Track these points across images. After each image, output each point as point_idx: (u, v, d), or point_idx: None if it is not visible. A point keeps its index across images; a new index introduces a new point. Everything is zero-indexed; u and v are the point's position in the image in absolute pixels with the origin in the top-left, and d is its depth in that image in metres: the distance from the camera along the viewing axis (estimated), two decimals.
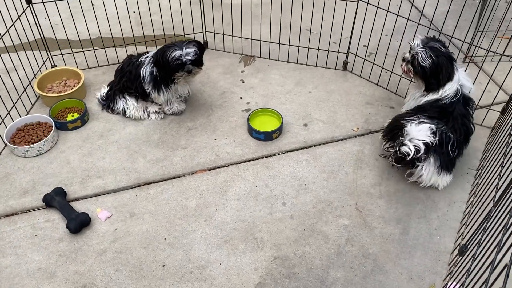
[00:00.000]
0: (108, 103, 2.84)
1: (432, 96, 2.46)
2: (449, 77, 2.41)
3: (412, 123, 2.31)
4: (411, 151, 2.20)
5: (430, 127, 2.28)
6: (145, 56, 2.66)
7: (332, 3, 3.04)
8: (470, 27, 2.90)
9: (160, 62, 2.53)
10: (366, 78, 3.12)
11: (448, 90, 2.41)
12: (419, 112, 2.43)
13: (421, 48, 2.44)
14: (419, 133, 2.25)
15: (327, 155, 2.62)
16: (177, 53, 2.48)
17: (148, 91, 2.68)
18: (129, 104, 2.76)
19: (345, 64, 3.20)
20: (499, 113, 2.77)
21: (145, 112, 2.80)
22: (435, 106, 2.43)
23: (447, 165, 2.35)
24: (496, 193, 1.82)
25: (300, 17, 3.14)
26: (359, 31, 3.06)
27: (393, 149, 2.36)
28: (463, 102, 2.43)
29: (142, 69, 2.63)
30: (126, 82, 2.72)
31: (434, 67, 2.41)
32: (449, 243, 2.20)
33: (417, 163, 2.30)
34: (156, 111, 2.81)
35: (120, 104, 2.77)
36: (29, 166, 2.54)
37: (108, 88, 2.86)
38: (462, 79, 2.46)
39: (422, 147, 2.21)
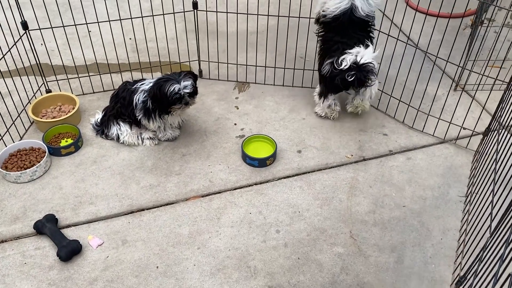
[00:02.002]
0: (102, 128, 2.84)
1: (326, 6, 2.71)
2: None
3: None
4: (373, 66, 2.57)
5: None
6: (140, 83, 2.68)
7: None
8: (462, 57, 2.95)
9: (157, 96, 2.53)
10: None
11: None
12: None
13: None
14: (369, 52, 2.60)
15: (321, 182, 2.61)
16: (176, 87, 2.49)
17: (139, 118, 2.68)
18: (123, 130, 2.76)
19: None
20: (481, 135, 2.79)
21: (139, 138, 2.80)
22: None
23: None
24: (491, 222, 1.82)
25: (295, 45, 3.18)
26: None
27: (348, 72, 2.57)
28: (356, 21, 2.69)
29: (135, 96, 2.64)
30: (120, 108, 2.73)
31: None
32: (444, 272, 2.18)
33: (372, 80, 2.62)
34: (150, 137, 2.81)
35: (114, 130, 2.77)
36: (20, 192, 2.51)
37: (103, 113, 2.86)
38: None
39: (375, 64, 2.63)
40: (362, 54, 2.61)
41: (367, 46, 2.67)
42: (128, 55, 3.32)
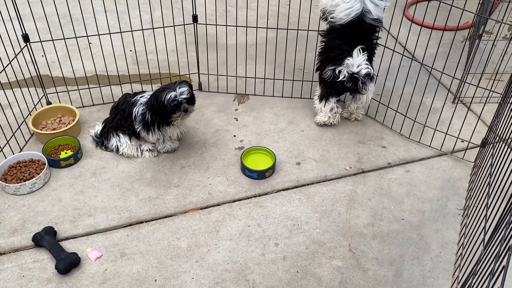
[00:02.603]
0: (102, 140, 2.85)
1: (337, 13, 2.67)
2: None
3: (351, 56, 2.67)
4: (370, 72, 2.65)
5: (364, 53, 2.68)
6: (139, 96, 2.69)
7: None
8: (457, 69, 2.97)
9: (155, 107, 2.54)
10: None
11: (348, 3, 2.62)
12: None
13: None
14: (362, 60, 2.64)
15: (320, 194, 2.62)
16: (172, 94, 2.50)
17: (138, 130, 2.70)
18: (122, 142, 2.77)
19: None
20: (479, 146, 2.80)
21: (139, 150, 2.81)
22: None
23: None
24: (484, 235, 1.82)
25: (294, 57, 3.21)
26: None
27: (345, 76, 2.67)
28: (366, 27, 2.68)
29: (134, 108, 2.65)
30: (120, 120, 2.74)
31: None
32: (443, 286, 2.18)
33: (368, 86, 2.72)
34: (149, 149, 2.82)
35: (114, 142, 2.78)
36: (19, 204, 2.51)
37: (103, 125, 2.87)
38: (368, 2, 2.63)
39: (371, 69, 2.69)
40: (357, 63, 2.66)
41: (365, 51, 2.71)
42: (128, 67, 3.34)
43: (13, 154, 2.73)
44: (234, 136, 3.02)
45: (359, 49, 2.67)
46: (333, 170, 2.78)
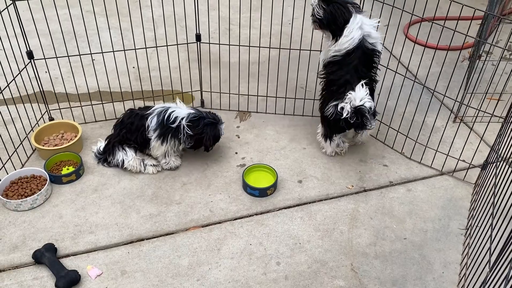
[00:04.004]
0: (105, 157, 2.85)
1: (338, 46, 2.67)
2: (345, 21, 2.63)
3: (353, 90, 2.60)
4: (372, 106, 2.56)
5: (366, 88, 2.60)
6: (152, 109, 2.75)
7: None
8: (460, 88, 3.00)
9: (210, 139, 2.73)
10: None
11: (349, 35, 2.62)
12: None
13: (316, 2, 2.72)
14: (364, 93, 2.56)
15: (322, 213, 2.61)
16: (222, 130, 2.79)
17: (152, 138, 2.71)
18: (129, 155, 2.77)
19: None
20: (480, 168, 2.80)
21: (142, 164, 2.81)
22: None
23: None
24: (490, 256, 1.81)
25: (296, 76, 3.23)
26: None
27: (349, 112, 2.56)
28: (367, 52, 2.66)
29: (149, 118, 2.70)
30: (126, 133, 2.76)
31: (328, 15, 2.68)
32: None
33: (371, 122, 2.59)
34: (153, 164, 2.82)
35: (119, 156, 2.78)
36: (20, 220, 2.50)
37: (106, 141, 2.88)
38: (366, 26, 2.64)
39: (373, 104, 2.60)
40: (359, 97, 2.56)
41: (367, 85, 2.65)
42: (131, 84, 3.35)
43: (15, 169, 2.73)
44: (236, 153, 3.02)
45: (362, 83, 2.60)
46: (335, 188, 2.77)
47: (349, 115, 2.56)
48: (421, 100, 2.98)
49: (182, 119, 2.68)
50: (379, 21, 2.73)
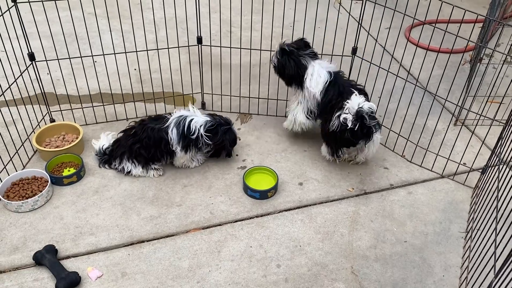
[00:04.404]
0: (109, 159, 2.84)
1: (311, 91, 2.80)
2: (297, 74, 2.82)
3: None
4: (374, 109, 2.57)
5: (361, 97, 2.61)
6: (169, 120, 2.71)
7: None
8: (462, 92, 3.00)
9: (229, 143, 2.82)
10: None
11: (311, 83, 2.77)
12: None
13: (276, 49, 2.88)
14: (360, 99, 2.57)
15: (322, 215, 2.61)
16: (236, 132, 2.89)
17: (178, 150, 2.72)
18: (137, 168, 2.78)
19: None
20: (480, 173, 2.79)
21: (145, 169, 2.81)
22: None
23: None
24: (495, 262, 1.80)
25: None
26: None
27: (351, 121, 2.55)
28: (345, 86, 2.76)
29: (168, 131, 2.68)
30: (140, 148, 2.73)
31: (279, 66, 2.88)
32: None
33: (375, 127, 2.61)
34: (155, 168, 2.82)
35: (128, 167, 2.77)
36: (21, 222, 2.51)
37: (115, 145, 2.85)
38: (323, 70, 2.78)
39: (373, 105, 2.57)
40: (357, 102, 2.56)
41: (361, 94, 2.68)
42: (132, 86, 3.36)
43: (16, 171, 2.73)
44: (237, 155, 3.02)
45: (356, 93, 2.63)
46: (336, 191, 2.77)
47: (353, 122, 2.54)
48: (422, 103, 2.98)
49: (200, 127, 2.70)
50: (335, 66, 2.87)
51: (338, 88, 2.76)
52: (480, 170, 2.77)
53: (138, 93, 3.45)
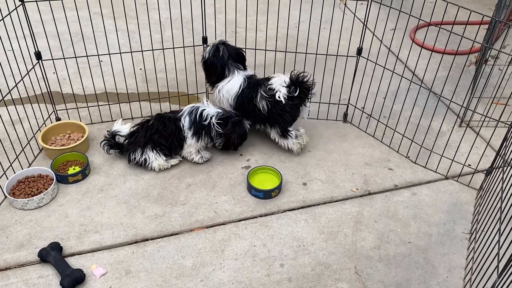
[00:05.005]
0: (125, 150, 2.86)
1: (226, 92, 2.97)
2: (221, 75, 2.97)
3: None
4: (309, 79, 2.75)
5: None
6: (183, 110, 2.85)
7: (332, 66, 3.15)
8: (467, 93, 2.99)
9: (238, 135, 2.89)
10: (364, 130, 3.17)
11: (223, 88, 2.97)
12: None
13: (209, 46, 2.99)
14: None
15: (326, 216, 2.61)
16: (248, 127, 2.97)
17: (189, 136, 2.81)
18: (161, 158, 2.82)
19: (345, 115, 3.30)
20: (484, 174, 2.79)
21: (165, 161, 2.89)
22: None
23: None
24: (498, 262, 1.80)
25: None
26: (357, 92, 3.15)
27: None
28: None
29: (181, 118, 2.81)
30: (159, 138, 2.80)
31: (206, 62, 2.99)
32: None
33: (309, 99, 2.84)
34: (174, 157, 2.92)
35: (151, 156, 2.80)
36: (26, 219, 2.52)
37: (133, 138, 2.85)
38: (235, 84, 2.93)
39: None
40: (282, 77, 2.82)
41: None
42: (137, 85, 3.37)
43: (22, 169, 2.75)
44: (241, 155, 3.03)
45: (275, 75, 2.88)
46: (340, 191, 2.77)
47: (290, 89, 2.77)
48: (427, 104, 2.98)
49: (212, 117, 2.80)
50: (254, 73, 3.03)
51: (254, 84, 2.93)
52: (485, 172, 2.76)
53: (143, 93, 3.46)
